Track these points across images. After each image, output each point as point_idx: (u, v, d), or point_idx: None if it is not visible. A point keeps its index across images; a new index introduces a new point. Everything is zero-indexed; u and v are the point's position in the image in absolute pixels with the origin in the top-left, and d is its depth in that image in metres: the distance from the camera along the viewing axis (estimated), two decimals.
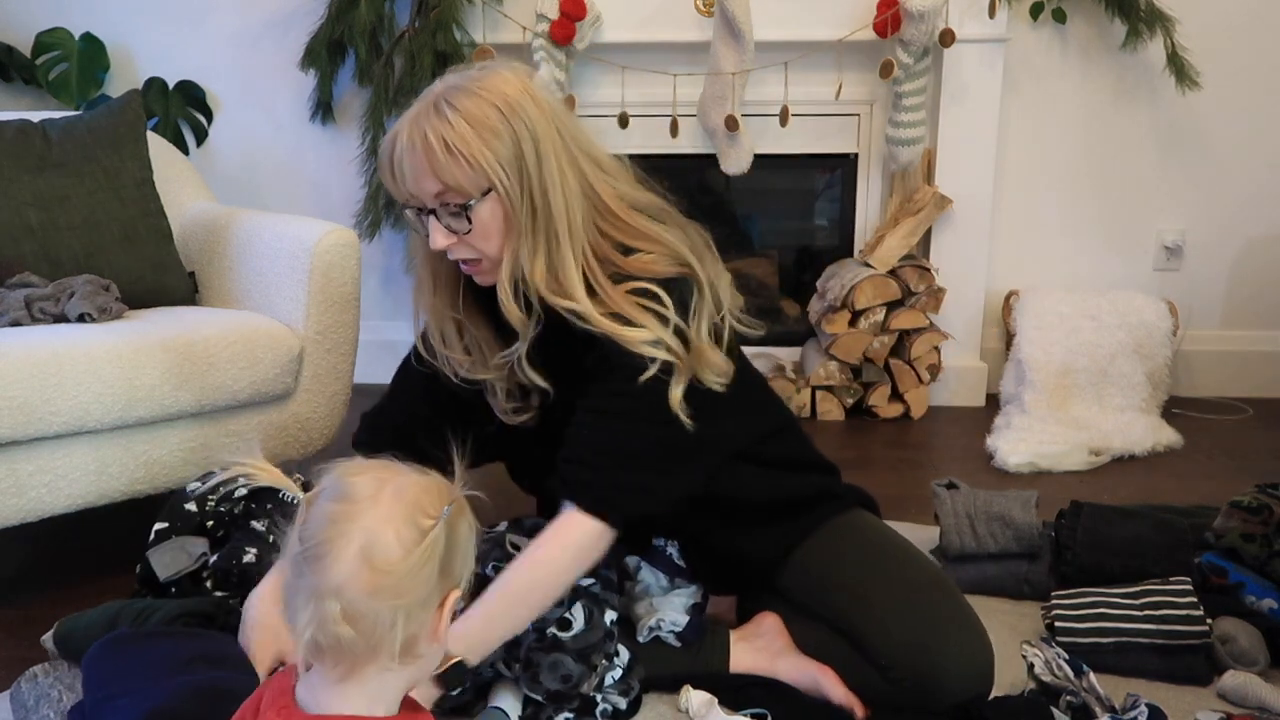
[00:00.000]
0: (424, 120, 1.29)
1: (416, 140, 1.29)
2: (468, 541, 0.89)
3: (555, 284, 1.32)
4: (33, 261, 2.04)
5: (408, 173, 1.30)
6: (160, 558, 1.60)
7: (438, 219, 1.32)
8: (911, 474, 2.44)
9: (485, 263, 1.36)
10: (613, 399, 1.34)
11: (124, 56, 3.10)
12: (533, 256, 1.31)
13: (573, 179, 1.32)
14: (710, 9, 2.75)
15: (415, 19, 2.77)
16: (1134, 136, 2.96)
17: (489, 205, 1.30)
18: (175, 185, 2.38)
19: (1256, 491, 1.71)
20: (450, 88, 1.31)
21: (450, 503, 0.86)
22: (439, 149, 1.27)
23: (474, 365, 1.46)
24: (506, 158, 1.28)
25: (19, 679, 1.47)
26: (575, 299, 1.32)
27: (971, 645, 1.37)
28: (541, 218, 1.30)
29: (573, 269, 1.32)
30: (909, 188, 2.91)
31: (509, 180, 1.29)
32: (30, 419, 1.70)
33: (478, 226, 1.31)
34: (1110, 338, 2.77)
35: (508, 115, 1.29)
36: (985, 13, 2.72)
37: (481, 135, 1.27)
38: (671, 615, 1.47)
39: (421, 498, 0.86)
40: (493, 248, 1.34)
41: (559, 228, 1.31)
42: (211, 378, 1.89)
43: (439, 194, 1.30)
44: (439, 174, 1.28)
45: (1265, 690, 1.45)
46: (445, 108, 1.29)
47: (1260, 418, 2.87)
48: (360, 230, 2.87)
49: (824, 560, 1.48)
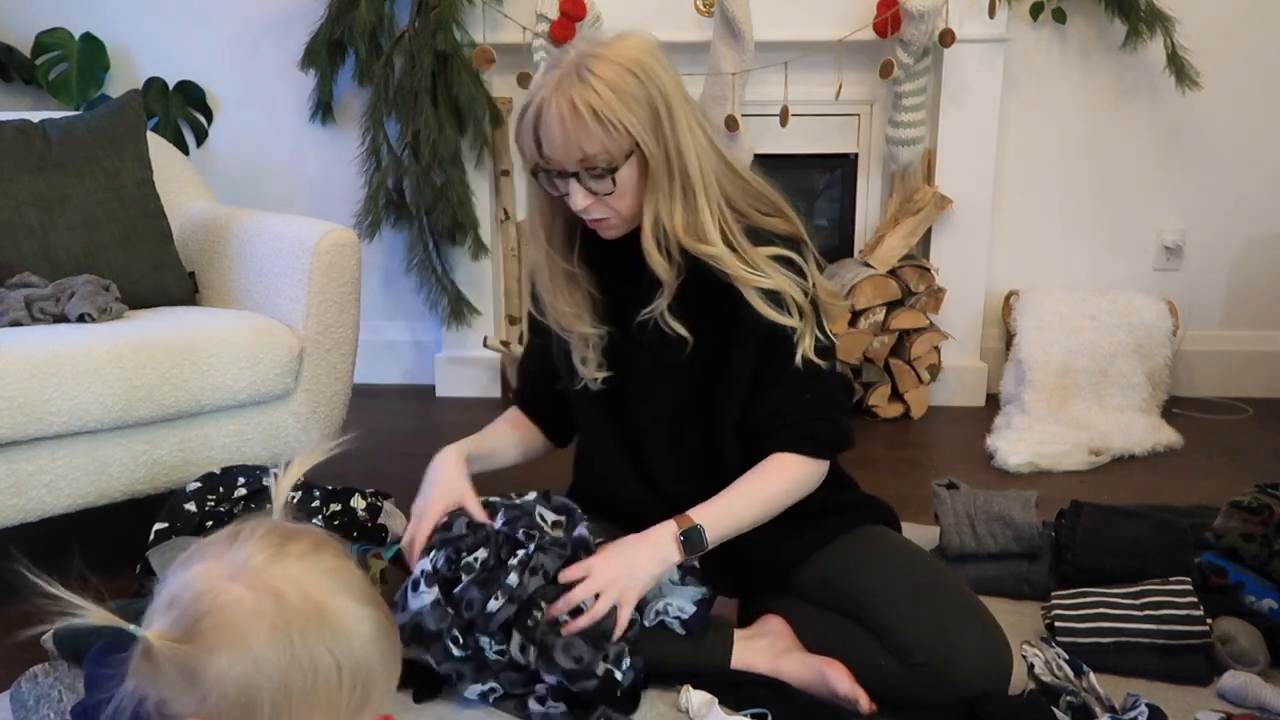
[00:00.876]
0: (569, 89, 1.32)
1: (564, 109, 1.32)
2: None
3: (694, 234, 1.39)
4: (33, 261, 2.04)
5: (555, 140, 1.34)
6: (160, 558, 1.61)
7: (579, 182, 1.36)
8: (911, 474, 2.44)
9: (616, 219, 1.41)
10: (781, 366, 1.44)
11: (124, 56, 3.10)
12: (671, 211, 1.38)
13: (701, 136, 1.39)
14: (710, 9, 2.75)
15: (415, 19, 2.78)
16: (1134, 136, 2.96)
17: (630, 166, 1.36)
18: (175, 185, 2.38)
19: (1256, 491, 1.71)
20: (586, 55, 1.34)
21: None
22: (588, 117, 1.31)
23: (577, 318, 1.50)
24: (646, 120, 1.34)
25: (19, 679, 1.47)
26: (713, 244, 1.38)
27: (992, 637, 1.40)
28: (678, 174, 1.36)
29: (709, 220, 1.38)
30: (909, 188, 2.91)
31: (650, 141, 1.34)
32: (30, 419, 1.70)
33: (619, 187, 1.37)
34: (1110, 338, 2.77)
35: (643, 79, 1.33)
36: (985, 13, 2.73)
37: (624, 101, 1.32)
38: (679, 602, 1.47)
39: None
40: (628, 206, 1.39)
41: (694, 183, 1.37)
42: (211, 378, 1.89)
43: (583, 159, 1.34)
44: (586, 141, 1.33)
45: (1265, 690, 1.45)
46: (588, 75, 1.32)
47: (1260, 418, 2.87)
48: (360, 230, 2.87)
49: (848, 557, 1.51)
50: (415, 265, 2.99)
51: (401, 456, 2.61)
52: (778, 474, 1.47)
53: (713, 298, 1.42)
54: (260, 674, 0.74)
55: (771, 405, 1.46)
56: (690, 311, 1.44)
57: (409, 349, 3.25)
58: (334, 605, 0.77)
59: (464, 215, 2.91)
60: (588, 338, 1.50)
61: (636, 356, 1.50)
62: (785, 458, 1.47)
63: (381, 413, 2.95)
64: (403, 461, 2.58)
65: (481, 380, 3.10)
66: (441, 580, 1.42)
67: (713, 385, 1.48)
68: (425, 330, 3.21)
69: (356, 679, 0.76)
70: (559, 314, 1.50)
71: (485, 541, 1.44)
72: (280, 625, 0.74)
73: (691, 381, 1.48)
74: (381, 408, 2.99)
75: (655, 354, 1.48)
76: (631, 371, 1.52)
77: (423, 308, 3.07)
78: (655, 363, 1.49)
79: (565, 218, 1.47)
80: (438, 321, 3.06)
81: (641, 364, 1.50)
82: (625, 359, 1.52)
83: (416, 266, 2.99)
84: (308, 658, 0.74)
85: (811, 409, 1.46)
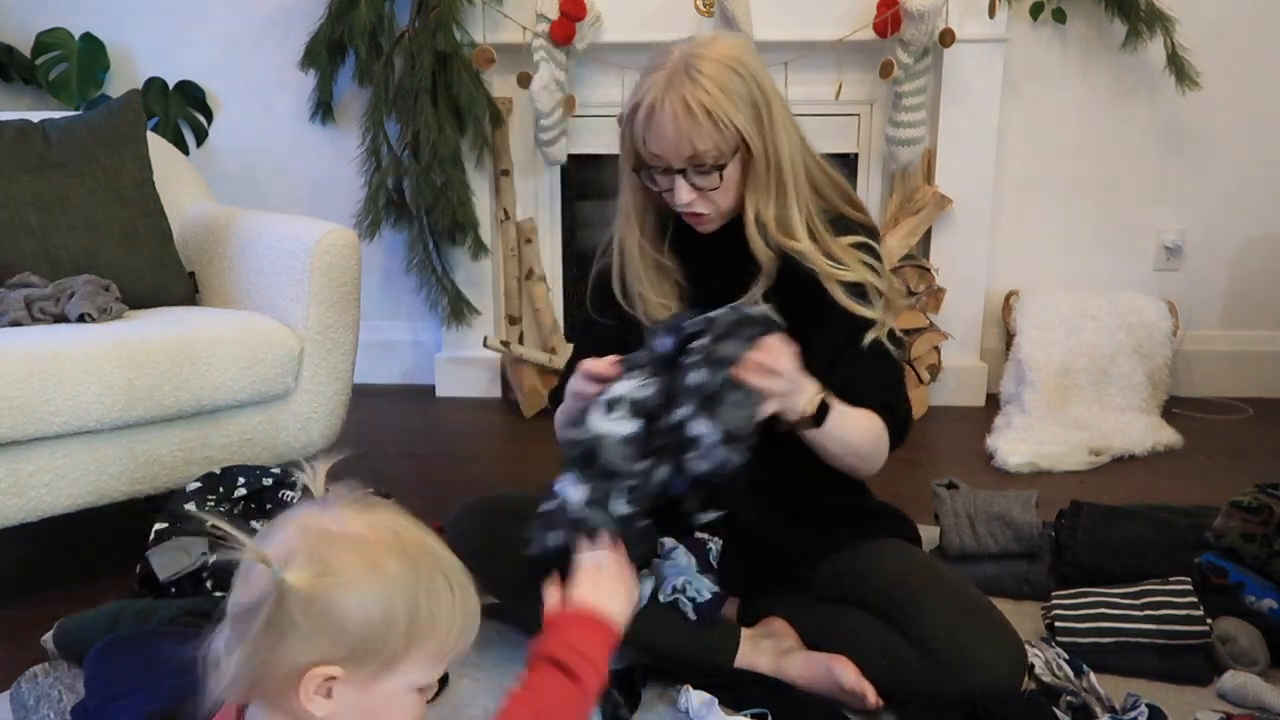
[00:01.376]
0: (681, 89, 1.35)
1: (678, 108, 1.35)
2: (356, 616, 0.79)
3: (783, 228, 1.43)
4: (33, 261, 2.04)
5: (667, 138, 1.36)
6: (160, 558, 1.61)
7: (684, 178, 1.39)
8: (911, 474, 2.44)
9: (716, 213, 1.45)
10: (857, 346, 1.47)
11: (124, 56, 3.10)
12: (767, 204, 1.42)
13: (795, 133, 1.44)
14: (710, 9, 2.75)
15: (415, 19, 2.77)
16: (1134, 136, 2.96)
17: (735, 162, 1.40)
18: (175, 185, 2.38)
19: (1256, 491, 1.71)
20: (691, 55, 1.37)
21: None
22: (701, 116, 1.34)
23: (665, 308, 1.51)
24: (751, 117, 1.37)
25: (19, 679, 1.47)
26: (799, 239, 1.43)
27: (1009, 635, 1.42)
28: (773, 169, 1.41)
29: (797, 214, 1.43)
30: (909, 188, 2.91)
31: (756, 138, 1.38)
32: (30, 419, 1.70)
33: (724, 183, 1.40)
34: (1110, 338, 2.77)
35: (746, 77, 1.37)
36: (985, 13, 2.73)
37: (731, 99, 1.36)
38: (698, 584, 1.47)
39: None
40: (730, 201, 1.43)
41: (787, 179, 1.42)
42: (211, 378, 1.89)
43: (692, 156, 1.37)
44: (698, 139, 1.36)
45: (1265, 690, 1.45)
46: (697, 75, 1.35)
47: (1260, 418, 2.87)
48: (360, 230, 2.87)
49: (867, 554, 1.53)
50: (415, 265, 2.99)
51: (401, 456, 2.61)
52: (873, 422, 1.47)
53: (800, 288, 1.45)
54: (397, 595, 0.79)
55: (848, 377, 1.47)
56: (778, 300, 1.46)
57: (409, 349, 3.25)
58: (433, 541, 0.85)
59: (464, 215, 2.91)
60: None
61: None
62: (878, 418, 1.48)
63: (381, 413, 2.95)
64: (403, 461, 2.59)
65: (481, 380, 3.10)
66: (647, 414, 1.32)
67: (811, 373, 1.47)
68: (425, 330, 3.21)
69: (463, 607, 0.84)
70: (648, 304, 1.51)
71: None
72: (405, 551, 0.81)
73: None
74: (381, 408, 2.99)
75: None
76: None
77: (423, 308, 3.07)
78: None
79: (657, 210, 1.50)
80: (438, 321, 3.06)
81: None
82: None
83: (416, 266, 2.99)
84: (429, 580, 0.82)
85: (886, 387, 1.50)
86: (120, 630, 1.44)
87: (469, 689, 1.52)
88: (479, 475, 2.44)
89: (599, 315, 1.59)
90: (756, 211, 1.42)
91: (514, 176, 2.99)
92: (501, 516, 1.51)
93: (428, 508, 2.01)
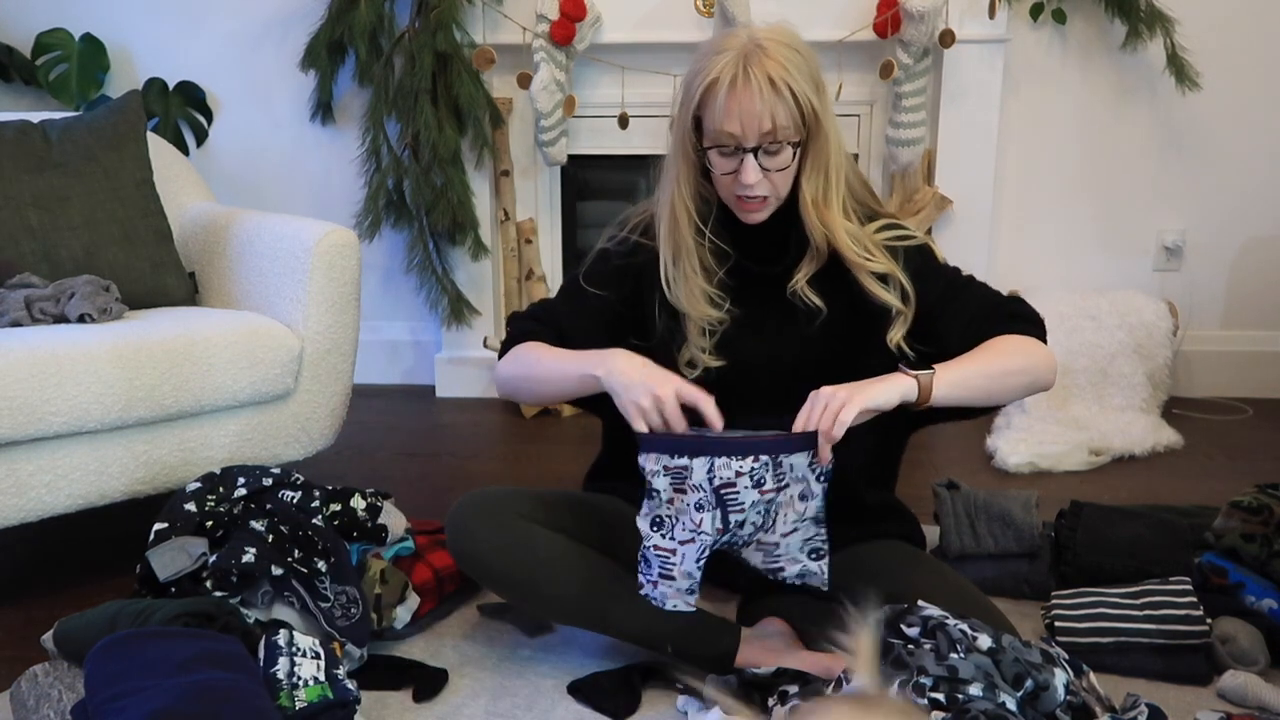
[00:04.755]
0: (762, 63, 1.36)
1: (763, 81, 1.36)
2: None
3: (822, 215, 1.46)
4: (33, 261, 2.04)
5: (752, 112, 1.37)
6: (160, 558, 1.60)
7: (755, 158, 1.40)
8: (911, 474, 2.42)
9: (774, 197, 1.46)
10: (944, 283, 1.51)
11: (124, 57, 3.10)
12: (814, 190, 1.45)
13: (837, 125, 1.46)
14: (710, 9, 2.76)
15: (415, 19, 2.78)
16: (1134, 136, 2.96)
17: (800, 142, 1.42)
18: (175, 185, 2.38)
19: (1256, 491, 1.71)
20: (757, 35, 1.40)
21: None
22: (784, 88, 1.37)
23: (705, 299, 1.52)
24: (815, 99, 1.40)
25: (19, 679, 1.47)
26: (834, 229, 1.46)
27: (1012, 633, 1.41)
28: (823, 156, 1.44)
29: (836, 202, 1.46)
30: (909, 188, 2.91)
31: (821, 117, 1.41)
32: (30, 419, 1.70)
33: (788, 165, 1.42)
34: (1110, 338, 2.77)
35: (806, 58, 1.41)
36: (985, 13, 2.73)
37: (803, 76, 1.39)
38: (800, 565, 1.45)
39: None
40: (786, 184, 1.46)
41: (832, 166, 1.45)
42: (211, 378, 1.89)
43: (769, 132, 1.39)
44: (779, 113, 1.37)
45: (1265, 690, 1.45)
46: (773, 51, 1.37)
47: (1260, 418, 2.87)
48: (360, 230, 2.87)
49: (869, 556, 1.53)
50: (415, 265, 2.99)
51: (401, 456, 2.61)
52: (1003, 345, 1.44)
53: (842, 275, 1.48)
54: None
55: (964, 314, 1.48)
56: (821, 286, 1.49)
57: (409, 349, 3.25)
58: None
59: (464, 215, 2.91)
60: (707, 322, 1.52)
61: (751, 341, 1.52)
62: (1010, 336, 1.45)
63: (381, 413, 2.95)
64: (403, 461, 2.59)
65: (481, 380, 3.10)
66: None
67: (851, 356, 1.49)
68: (425, 330, 3.22)
69: None
70: (689, 296, 1.51)
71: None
72: None
73: (819, 359, 1.49)
74: (381, 408, 2.99)
75: (779, 329, 1.51)
76: (743, 356, 1.52)
77: (423, 308, 3.07)
78: (776, 342, 1.52)
79: (700, 202, 1.50)
80: (438, 321, 3.06)
81: (757, 347, 1.52)
82: (736, 345, 1.52)
83: (416, 267, 2.99)
84: None
85: (995, 296, 1.52)
86: (119, 630, 1.44)
87: (469, 689, 1.52)
88: (479, 475, 2.44)
89: (593, 287, 1.58)
90: (813, 194, 1.45)
91: (514, 177, 2.99)
92: (501, 511, 1.51)
93: (428, 508, 2.03)
